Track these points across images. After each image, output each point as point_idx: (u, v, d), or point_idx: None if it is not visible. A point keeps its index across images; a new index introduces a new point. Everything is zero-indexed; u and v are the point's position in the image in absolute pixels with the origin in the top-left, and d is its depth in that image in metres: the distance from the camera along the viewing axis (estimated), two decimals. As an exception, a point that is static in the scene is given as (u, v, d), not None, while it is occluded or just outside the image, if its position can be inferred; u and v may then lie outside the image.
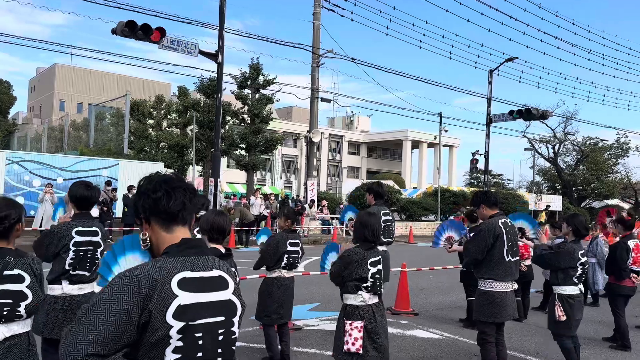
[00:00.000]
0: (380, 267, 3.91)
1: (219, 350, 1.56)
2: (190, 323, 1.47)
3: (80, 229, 3.70)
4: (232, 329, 1.61)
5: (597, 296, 8.89)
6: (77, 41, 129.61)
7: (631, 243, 6.45)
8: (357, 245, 3.97)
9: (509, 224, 4.67)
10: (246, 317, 6.55)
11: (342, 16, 19.28)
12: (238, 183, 36.58)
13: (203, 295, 1.53)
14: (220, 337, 1.56)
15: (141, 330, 1.43)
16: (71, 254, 3.64)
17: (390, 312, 7.62)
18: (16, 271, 2.63)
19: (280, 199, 23.63)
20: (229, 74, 22.98)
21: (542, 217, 26.90)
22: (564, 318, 4.95)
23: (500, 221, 4.61)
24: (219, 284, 1.59)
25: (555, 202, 30.22)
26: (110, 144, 24.07)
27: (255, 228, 16.56)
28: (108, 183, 15.53)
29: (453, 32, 53.53)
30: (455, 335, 6.54)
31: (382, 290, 3.96)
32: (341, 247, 4.54)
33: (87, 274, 3.74)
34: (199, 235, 3.51)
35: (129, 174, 17.29)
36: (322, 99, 21.33)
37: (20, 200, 15.58)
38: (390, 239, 6.07)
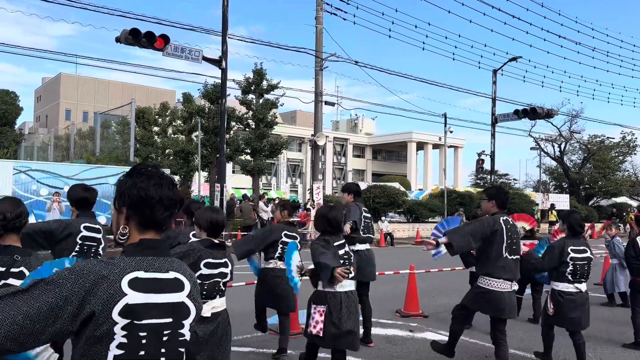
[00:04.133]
0: (347, 249, 4.16)
1: (162, 350, 1.59)
2: (135, 322, 1.52)
3: (88, 225, 3.81)
4: (180, 330, 1.63)
5: (613, 296, 8.79)
6: (82, 50, 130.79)
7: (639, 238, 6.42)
8: (319, 236, 4.23)
9: (511, 222, 4.73)
10: (253, 322, 6.53)
11: (345, 19, 19.31)
12: (244, 188, 36.63)
13: (154, 296, 1.56)
14: (165, 338, 1.59)
15: (84, 324, 1.47)
16: (77, 248, 3.72)
17: (400, 314, 7.58)
18: (21, 268, 2.67)
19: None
20: (233, 80, 23.04)
21: (552, 216, 26.81)
22: (551, 312, 5.14)
23: (502, 218, 4.65)
24: (173, 286, 1.62)
25: (563, 201, 30.03)
26: (117, 152, 24.13)
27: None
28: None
29: (456, 33, 53.45)
30: (466, 337, 6.46)
31: (353, 274, 4.15)
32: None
33: None
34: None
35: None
36: (326, 102, 21.31)
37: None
38: (371, 235, 6.28)
